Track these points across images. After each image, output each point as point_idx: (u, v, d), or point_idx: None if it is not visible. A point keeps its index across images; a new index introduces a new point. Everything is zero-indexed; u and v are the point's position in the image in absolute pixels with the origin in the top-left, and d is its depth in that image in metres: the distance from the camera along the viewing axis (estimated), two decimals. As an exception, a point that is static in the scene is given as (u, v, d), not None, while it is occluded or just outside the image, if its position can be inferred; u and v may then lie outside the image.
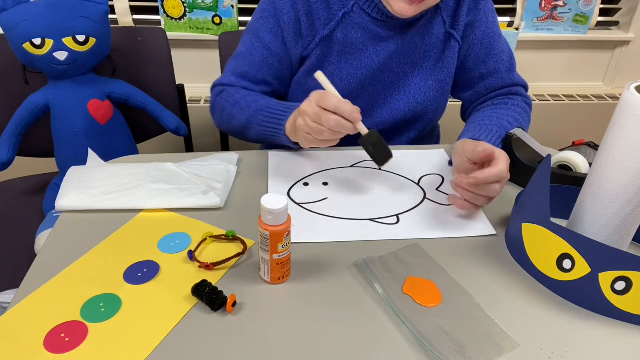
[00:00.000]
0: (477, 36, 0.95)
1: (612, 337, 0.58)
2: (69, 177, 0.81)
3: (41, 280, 0.62)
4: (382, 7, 0.88)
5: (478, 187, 0.71)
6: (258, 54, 0.94)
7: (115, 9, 1.60)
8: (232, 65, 0.98)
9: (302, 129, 0.76)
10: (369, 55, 0.93)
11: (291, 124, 0.81)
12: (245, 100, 0.92)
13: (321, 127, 0.73)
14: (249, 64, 0.95)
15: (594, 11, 1.78)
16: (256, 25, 0.95)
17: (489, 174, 0.70)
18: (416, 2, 0.81)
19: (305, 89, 0.98)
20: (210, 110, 1.01)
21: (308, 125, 0.74)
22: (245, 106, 0.91)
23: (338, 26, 0.91)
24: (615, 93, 1.95)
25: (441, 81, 0.98)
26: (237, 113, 0.92)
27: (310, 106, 0.74)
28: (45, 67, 1.07)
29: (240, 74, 0.96)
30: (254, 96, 0.93)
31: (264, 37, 0.93)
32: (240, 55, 0.97)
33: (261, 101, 0.90)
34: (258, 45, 0.94)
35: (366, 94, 0.98)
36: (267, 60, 0.94)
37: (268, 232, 0.58)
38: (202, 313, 0.59)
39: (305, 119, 0.75)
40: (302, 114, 0.75)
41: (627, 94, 0.57)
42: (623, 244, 0.64)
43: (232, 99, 0.94)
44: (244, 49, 0.97)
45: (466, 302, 0.61)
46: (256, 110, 0.89)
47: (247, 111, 0.90)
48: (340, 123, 0.72)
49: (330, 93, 0.74)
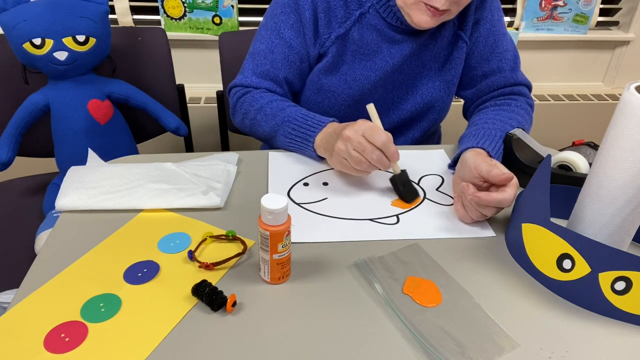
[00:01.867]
0: (482, 34, 0.95)
1: (612, 337, 0.58)
2: (69, 177, 0.81)
3: (41, 280, 0.62)
4: (398, 14, 0.87)
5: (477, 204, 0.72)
6: (279, 51, 0.91)
7: (115, 9, 1.60)
8: (250, 64, 0.94)
9: (341, 154, 0.76)
10: (383, 57, 0.93)
11: (323, 141, 0.82)
12: (271, 106, 0.90)
13: (362, 158, 0.74)
14: (270, 63, 0.92)
15: (594, 11, 1.78)
16: (275, 20, 0.91)
17: (493, 199, 0.70)
18: (437, 15, 0.82)
19: (318, 87, 0.97)
20: (231, 113, 0.99)
21: (349, 152, 0.74)
22: (270, 113, 0.89)
23: (354, 25, 0.91)
24: (615, 93, 1.96)
25: (448, 81, 0.98)
26: (262, 119, 0.90)
27: (356, 135, 0.73)
28: (45, 67, 1.07)
29: (261, 74, 0.93)
30: (280, 103, 0.91)
31: (285, 34, 0.90)
32: (260, 53, 0.93)
33: (287, 110, 0.88)
34: (278, 42, 0.91)
35: (376, 95, 0.98)
36: (289, 57, 0.92)
37: (268, 232, 0.58)
38: (202, 313, 0.59)
39: (347, 146, 0.74)
40: (345, 139, 0.75)
41: (627, 94, 0.57)
42: (623, 244, 0.64)
43: (257, 103, 0.91)
44: (263, 46, 0.93)
45: (466, 302, 0.61)
46: (283, 121, 0.87)
47: (272, 120, 0.89)
48: (382, 160, 0.74)
49: (379, 128, 0.74)
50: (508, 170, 0.72)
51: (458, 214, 0.76)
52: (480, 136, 0.83)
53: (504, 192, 0.70)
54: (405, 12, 0.84)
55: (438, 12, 0.81)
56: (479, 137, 0.82)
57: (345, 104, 0.97)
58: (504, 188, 0.70)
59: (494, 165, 0.72)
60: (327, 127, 0.83)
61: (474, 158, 0.75)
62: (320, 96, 0.98)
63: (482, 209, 0.72)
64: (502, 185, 0.71)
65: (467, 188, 0.72)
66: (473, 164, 0.74)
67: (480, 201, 0.70)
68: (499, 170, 0.71)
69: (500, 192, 0.70)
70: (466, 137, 0.86)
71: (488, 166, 0.72)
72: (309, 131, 0.85)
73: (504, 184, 0.70)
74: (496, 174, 0.70)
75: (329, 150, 0.80)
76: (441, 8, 0.80)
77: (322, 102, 0.98)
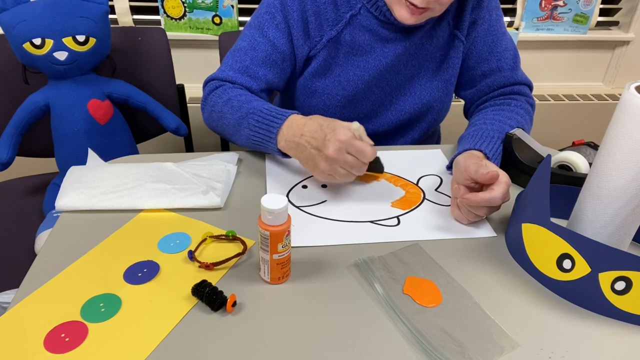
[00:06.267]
0: (480, 34, 0.95)
1: (612, 337, 0.58)
2: (69, 177, 0.81)
3: (41, 280, 0.62)
4: (383, 10, 0.87)
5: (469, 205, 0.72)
6: (261, 49, 0.90)
7: (115, 9, 1.60)
8: (230, 59, 0.93)
9: (326, 172, 0.74)
10: (376, 57, 0.93)
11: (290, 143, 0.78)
12: (238, 99, 0.86)
13: (350, 173, 0.74)
14: (250, 59, 0.91)
15: (594, 11, 1.79)
16: (260, 20, 0.91)
17: (481, 199, 0.70)
18: (416, 14, 0.82)
19: (312, 91, 0.97)
20: (201, 106, 0.95)
21: (335, 170, 0.73)
22: (237, 105, 0.85)
23: (345, 27, 0.91)
24: (615, 93, 1.96)
25: (446, 81, 0.98)
26: (228, 111, 0.86)
27: (340, 154, 0.71)
28: (45, 67, 1.07)
29: (239, 69, 0.91)
30: (248, 96, 0.87)
31: (268, 33, 0.90)
32: (241, 49, 0.92)
33: (254, 103, 0.84)
34: (261, 40, 0.91)
35: (372, 96, 0.97)
36: (271, 56, 0.91)
37: (268, 232, 0.58)
38: (202, 313, 0.59)
39: (334, 165, 0.73)
40: (331, 161, 0.72)
41: (627, 94, 0.57)
42: (623, 244, 0.64)
43: (225, 95, 0.88)
44: (245, 43, 0.92)
45: (466, 302, 0.61)
46: (247, 113, 0.83)
47: (238, 111, 0.85)
48: (363, 169, 0.75)
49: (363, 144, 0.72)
50: (497, 168, 0.72)
51: (454, 216, 0.76)
52: (478, 137, 0.83)
53: (492, 191, 0.70)
54: (390, 8, 0.85)
55: (417, 9, 0.81)
56: (476, 139, 0.82)
57: (340, 105, 0.97)
58: (492, 187, 0.71)
59: (482, 165, 0.72)
60: (290, 121, 0.79)
61: (465, 160, 0.76)
62: (314, 99, 0.98)
63: (474, 210, 0.72)
64: (491, 184, 0.71)
65: (457, 190, 0.73)
66: (463, 166, 0.75)
67: (470, 202, 0.71)
68: (485, 169, 0.71)
69: (488, 192, 0.70)
70: (464, 138, 0.86)
71: (476, 167, 0.72)
72: (273, 122, 0.80)
73: (492, 182, 0.71)
74: (482, 173, 0.71)
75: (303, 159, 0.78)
76: (420, 6, 0.80)
77: (316, 105, 0.98)
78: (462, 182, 0.75)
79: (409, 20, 0.83)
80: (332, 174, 0.74)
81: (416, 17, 0.82)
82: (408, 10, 0.82)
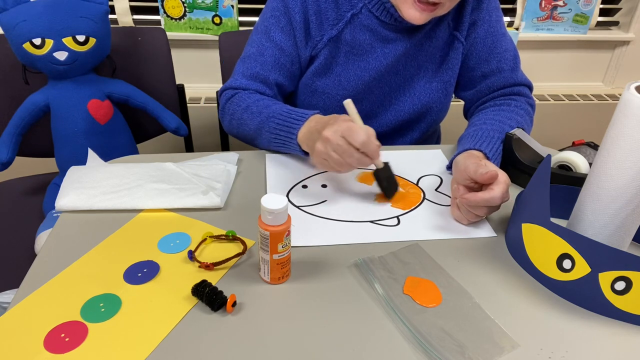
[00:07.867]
0: (480, 35, 0.95)
1: (612, 337, 0.58)
2: (69, 177, 0.81)
3: (41, 280, 0.62)
4: (390, 10, 0.87)
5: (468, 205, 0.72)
6: (269, 53, 0.92)
7: (115, 9, 1.60)
8: (241, 67, 0.95)
9: (321, 155, 0.74)
10: (377, 57, 0.93)
11: (306, 136, 0.80)
12: (257, 105, 0.89)
13: (342, 160, 0.72)
14: (260, 65, 0.92)
15: (594, 11, 1.78)
16: (266, 24, 0.92)
17: (480, 199, 0.70)
18: (427, 11, 0.82)
19: (313, 90, 0.97)
20: (219, 115, 0.98)
21: (328, 154, 0.73)
22: (256, 111, 0.88)
23: (346, 27, 0.91)
24: (615, 93, 1.95)
25: (445, 82, 0.98)
26: (248, 118, 0.89)
27: (334, 136, 0.71)
28: (45, 67, 1.07)
29: (250, 76, 0.93)
30: (266, 101, 0.90)
31: (275, 36, 0.91)
32: (250, 56, 0.94)
33: (273, 107, 0.87)
34: (269, 45, 0.92)
35: (372, 96, 0.97)
36: (279, 60, 0.92)
37: (268, 232, 0.58)
38: (202, 313, 0.59)
39: (327, 148, 0.72)
40: (324, 141, 0.73)
41: (627, 94, 0.57)
42: (623, 244, 0.64)
43: (244, 103, 0.91)
44: (253, 49, 0.93)
45: (466, 302, 0.61)
46: (268, 117, 0.86)
47: (257, 117, 0.88)
48: (362, 160, 0.72)
49: (358, 127, 0.72)
50: (497, 168, 0.72)
51: (454, 216, 0.76)
52: (477, 137, 0.83)
53: (491, 191, 0.70)
54: (398, 7, 0.85)
55: (428, 7, 0.81)
56: (476, 139, 0.82)
57: (340, 104, 0.97)
58: (491, 186, 0.70)
59: (481, 165, 0.72)
60: (310, 121, 0.81)
61: (465, 160, 0.76)
62: (315, 98, 0.98)
63: (474, 210, 0.72)
64: (490, 184, 0.71)
65: (457, 190, 0.73)
66: (463, 165, 0.75)
67: (469, 202, 0.71)
68: (484, 169, 0.71)
69: (487, 191, 0.70)
70: (464, 138, 0.86)
71: (475, 166, 0.72)
72: (293, 125, 0.82)
73: (491, 182, 0.71)
74: (481, 173, 0.71)
75: (311, 148, 0.79)
76: (432, 0, 0.80)
77: (317, 104, 0.98)
78: (462, 182, 0.75)
79: (418, 20, 0.83)
80: (326, 159, 0.74)
81: (426, 15, 0.82)
82: (417, 9, 0.82)
